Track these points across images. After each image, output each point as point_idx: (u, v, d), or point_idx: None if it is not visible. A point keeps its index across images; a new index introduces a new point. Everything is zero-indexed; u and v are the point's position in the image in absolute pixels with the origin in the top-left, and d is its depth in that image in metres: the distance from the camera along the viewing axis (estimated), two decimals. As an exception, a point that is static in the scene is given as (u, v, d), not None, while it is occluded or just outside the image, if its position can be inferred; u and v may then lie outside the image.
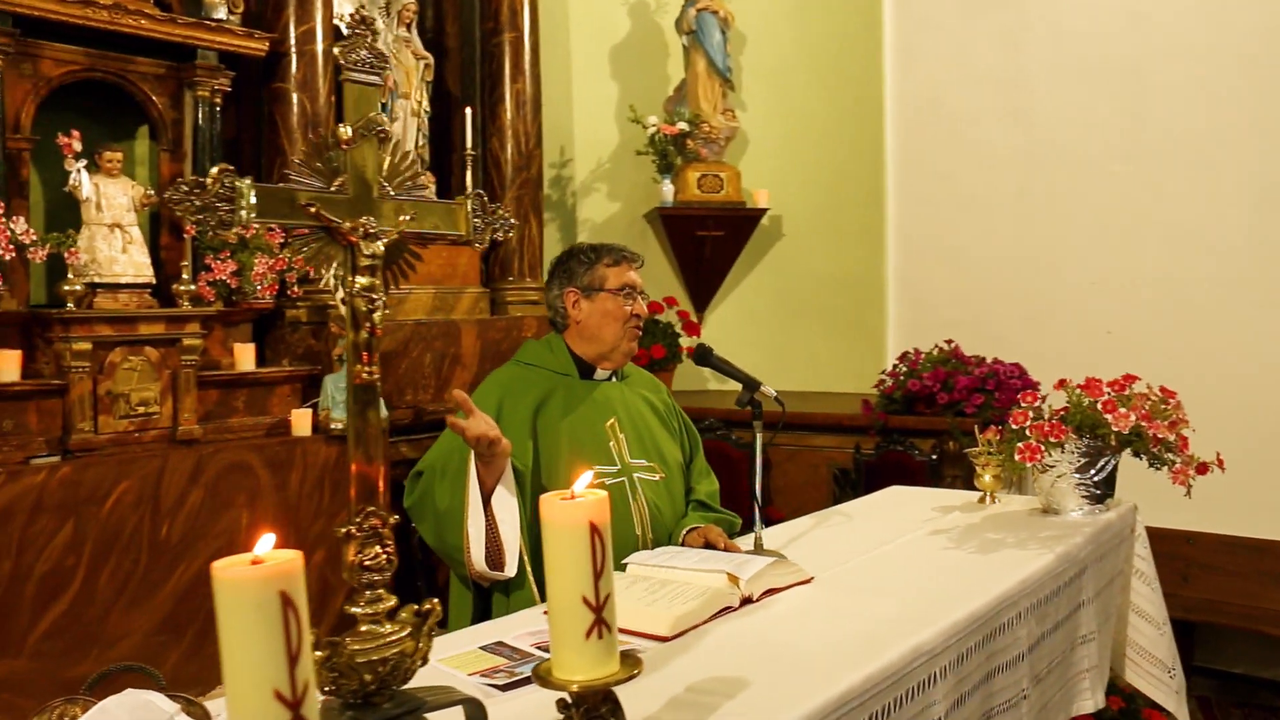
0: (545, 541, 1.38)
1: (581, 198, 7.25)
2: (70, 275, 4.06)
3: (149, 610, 4.20)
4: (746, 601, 2.21)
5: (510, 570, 2.36)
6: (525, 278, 6.22)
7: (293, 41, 5.05)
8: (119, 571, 4.10)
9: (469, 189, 4.69)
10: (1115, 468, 2.95)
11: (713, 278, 7.15)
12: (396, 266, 1.42)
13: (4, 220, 3.76)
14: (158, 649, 4.22)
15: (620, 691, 1.72)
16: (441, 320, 5.71)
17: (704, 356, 2.76)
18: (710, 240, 6.86)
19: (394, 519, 1.37)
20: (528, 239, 6.21)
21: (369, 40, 1.35)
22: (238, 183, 1.25)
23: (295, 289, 4.80)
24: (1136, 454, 2.90)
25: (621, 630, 2.04)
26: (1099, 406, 2.77)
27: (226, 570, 1.10)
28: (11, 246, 3.78)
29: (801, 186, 7.04)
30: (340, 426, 4.80)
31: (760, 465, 2.65)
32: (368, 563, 1.33)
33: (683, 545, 2.59)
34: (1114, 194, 5.75)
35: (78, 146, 4.12)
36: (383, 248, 1.36)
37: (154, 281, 4.44)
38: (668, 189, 6.76)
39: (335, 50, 1.35)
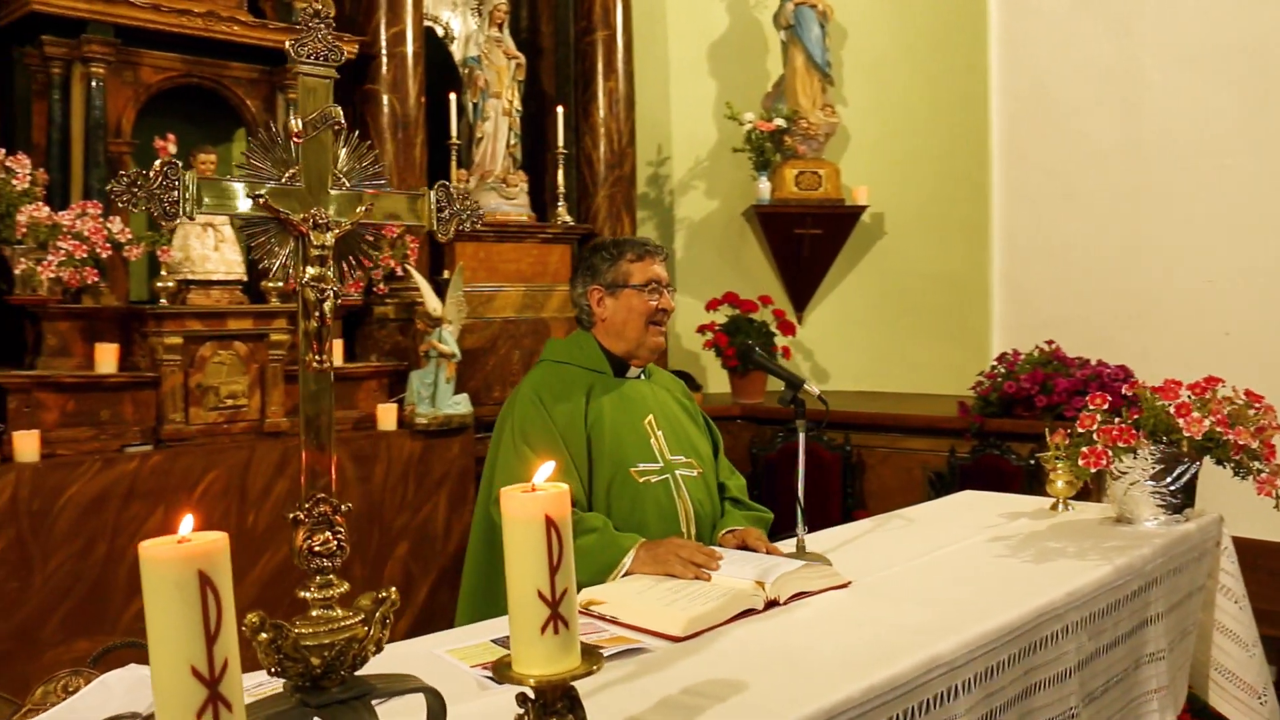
0: (504, 534, 1.35)
1: (679, 196, 7.21)
2: (163, 272, 4.25)
3: (236, 596, 4.34)
4: (772, 605, 2.13)
5: None
6: (616, 276, 6.21)
7: (383, 44, 5.17)
8: (207, 557, 4.25)
9: (560, 188, 4.73)
10: (1195, 476, 2.75)
11: (811, 277, 7.01)
12: (353, 257, 1.41)
13: (101, 220, 3.95)
14: (241, 635, 4.37)
15: (611, 689, 1.69)
16: (530, 318, 5.76)
17: (745, 355, 2.70)
18: (808, 238, 6.74)
19: (346, 507, 1.37)
20: (620, 236, 6.20)
21: (322, 33, 1.34)
22: (182, 175, 1.26)
23: (381, 286, 4.91)
24: (1219, 462, 2.70)
25: (635, 629, 2.01)
26: (1171, 410, 2.58)
27: (151, 549, 1.11)
28: (108, 245, 3.97)
29: (903, 183, 6.84)
30: (425, 421, 4.90)
31: (803, 464, 2.56)
32: (317, 548, 1.33)
33: (719, 546, 2.53)
34: (1231, 187, 5.40)
35: (173, 149, 4.30)
36: (332, 239, 1.35)
37: (245, 278, 4.60)
38: (764, 186, 6.66)
39: (287, 43, 1.34)
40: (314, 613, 1.32)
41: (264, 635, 1.26)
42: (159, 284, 4.24)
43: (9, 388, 3.91)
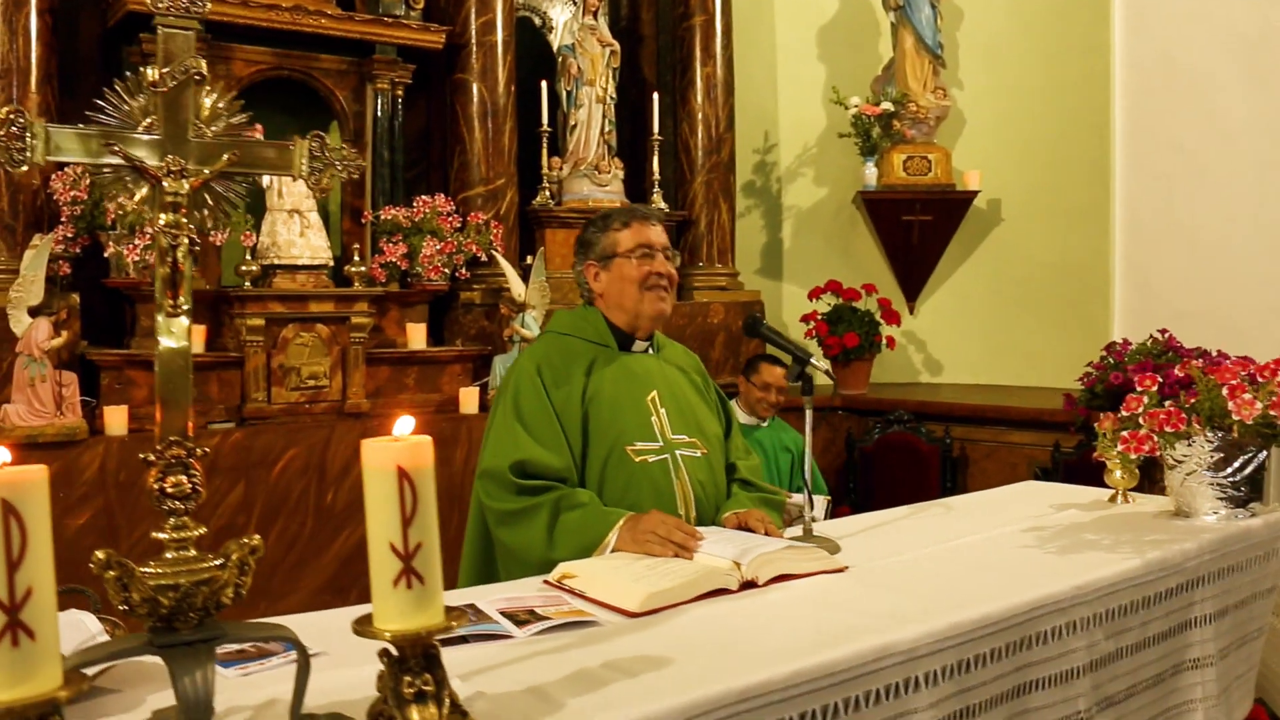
0: (364, 485, 1.32)
1: (786, 184, 7.05)
2: (248, 257, 4.42)
3: (314, 571, 4.50)
4: (749, 585, 2.03)
5: None
6: (715, 263, 6.14)
7: (473, 33, 5.24)
8: (286, 533, 4.42)
9: (655, 174, 4.70)
10: (1262, 466, 2.48)
11: (923, 265, 6.74)
12: (218, 206, 1.41)
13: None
14: (321, 608, 4.50)
15: (535, 659, 1.63)
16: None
17: (753, 327, 2.58)
18: (918, 225, 6.48)
19: (203, 451, 1.36)
20: (717, 224, 6.12)
21: (184, -19, 1.34)
22: (32, 122, 1.27)
23: (463, 271, 4.98)
24: (1290, 451, 2.43)
25: (597, 603, 1.95)
26: (1225, 393, 2.33)
27: (-36, 477, 1.13)
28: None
29: (1021, 167, 6.50)
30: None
31: (810, 443, 2.44)
32: (169, 489, 1.33)
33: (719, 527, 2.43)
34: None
35: (260, 139, 4.46)
36: (188, 186, 1.35)
37: (331, 263, 4.75)
38: (870, 172, 6.44)
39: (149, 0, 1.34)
40: (168, 554, 1.32)
41: (111, 573, 1.27)
42: (242, 268, 4.41)
43: (102, 365, 4.15)
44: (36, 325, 3.88)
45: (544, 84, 5.60)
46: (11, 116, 1.26)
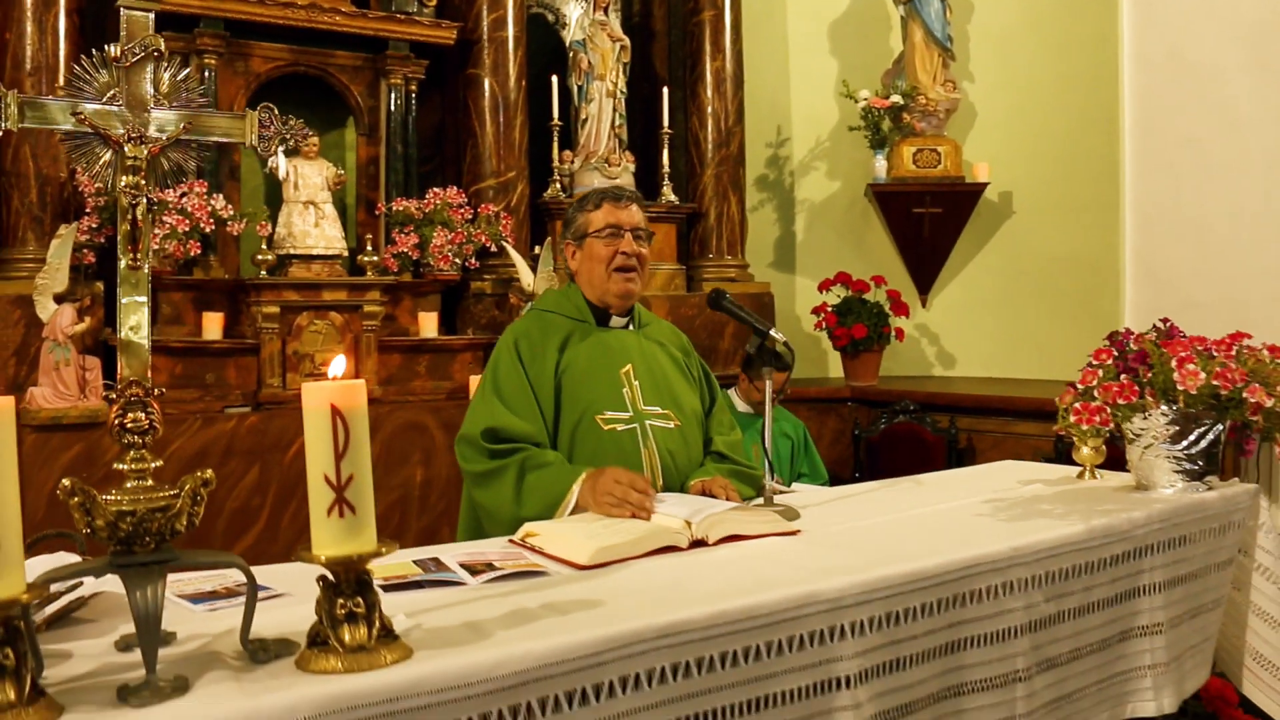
0: (304, 425, 1.45)
1: (799, 177, 7.13)
2: (263, 247, 4.59)
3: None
4: (700, 544, 2.14)
5: None
6: (724, 255, 6.23)
7: (485, 29, 5.38)
8: (300, 514, 4.57)
9: (665, 167, 4.80)
10: (1217, 441, 2.53)
11: (934, 258, 6.79)
12: (177, 168, 1.54)
13: (205, 198, 4.32)
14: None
15: (479, 602, 1.75)
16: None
17: (716, 301, 2.69)
18: (928, 218, 6.53)
19: (159, 391, 1.50)
20: (726, 216, 6.22)
21: (142, -30, 1.48)
22: (5, 93, 1.41)
23: (472, 261, 5.12)
24: (1245, 426, 2.49)
25: (546, 555, 2.07)
26: (1174, 365, 2.40)
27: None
28: (212, 220, 4.34)
29: (1032, 160, 6.53)
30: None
31: (770, 415, 2.53)
32: (129, 425, 1.46)
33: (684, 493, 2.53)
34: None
35: (276, 132, 4.63)
36: (147, 151, 1.48)
37: (345, 253, 4.90)
38: (880, 165, 6.51)
39: (114, -20, 1.48)
40: (128, 484, 1.45)
41: (75, 499, 1.40)
42: (259, 257, 4.58)
43: (124, 349, 4.32)
44: (61, 311, 4.06)
45: (554, 79, 5.73)
46: (-16, 90, 1.40)
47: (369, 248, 4.88)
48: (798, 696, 1.75)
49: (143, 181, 1.48)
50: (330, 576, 1.44)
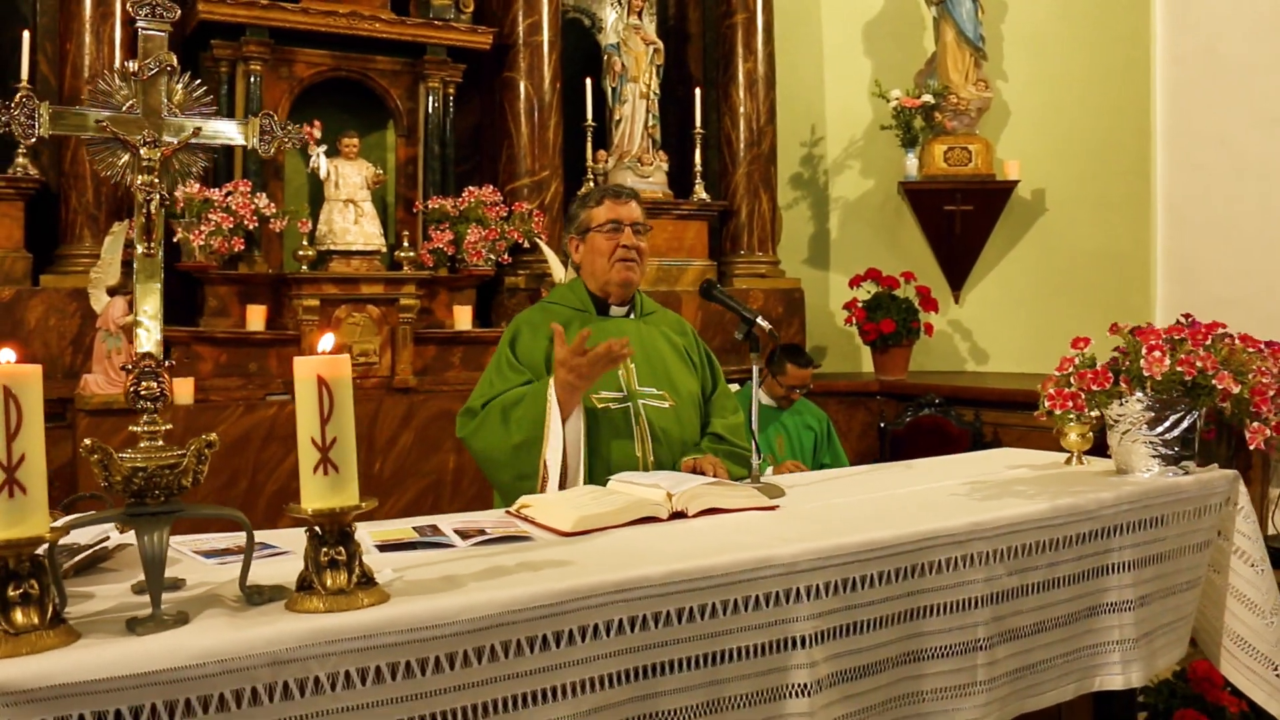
0: (296, 394, 1.63)
1: (833, 175, 7.22)
2: (304, 243, 4.82)
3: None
4: (679, 516, 2.28)
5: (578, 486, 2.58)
6: (755, 251, 6.36)
7: (520, 33, 5.58)
8: (337, 495, 4.79)
9: (697, 166, 4.96)
10: (1193, 426, 2.61)
11: (966, 254, 6.84)
12: (187, 169, 1.73)
13: (249, 197, 4.56)
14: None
15: (457, 561, 1.91)
16: (662, 291, 5.99)
17: (707, 290, 2.83)
18: (959, 215, 6.59)
19: (170, 363, 1.68)
20: (758, 214, 6.34)
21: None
22: (37, 105, 1.61)
23: (505, 257, 5.31)
24: (1219, 413, 2.57)
25: (536, 524, 2.23)
26: (1143, 352, 2.49)
27: (-16, 365, 1.47)
28: (255, 218, 4.58)
29: (1064, 157, 6.56)
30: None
31: (757, 398, 2.67)
32: (143, 392, 1.65)
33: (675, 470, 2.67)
34: None
35: (318, 134, 4.88)
36: (160, 154, 1.67)
37: (383, 249, 5.13)
38: (911, 163, 6.59)
39: (129, 4, 1.67)
40: (142, 444, 1.64)
41: (95, 456, 1.59)
42: (299, 253, 4.82)
43: (172, 341, 4.59)
44: (113, 304, 4.33)
45: (589, 81, 5.90)
46: (23, 100, 1.60)
47: (405, 244, 5.10)
48: (754, 653, 1.88)
49: (156, 180, 1.67)
50: (316, 528, 1.62)
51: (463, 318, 5.27)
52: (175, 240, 4.57)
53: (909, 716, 2.13)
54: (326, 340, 1.66)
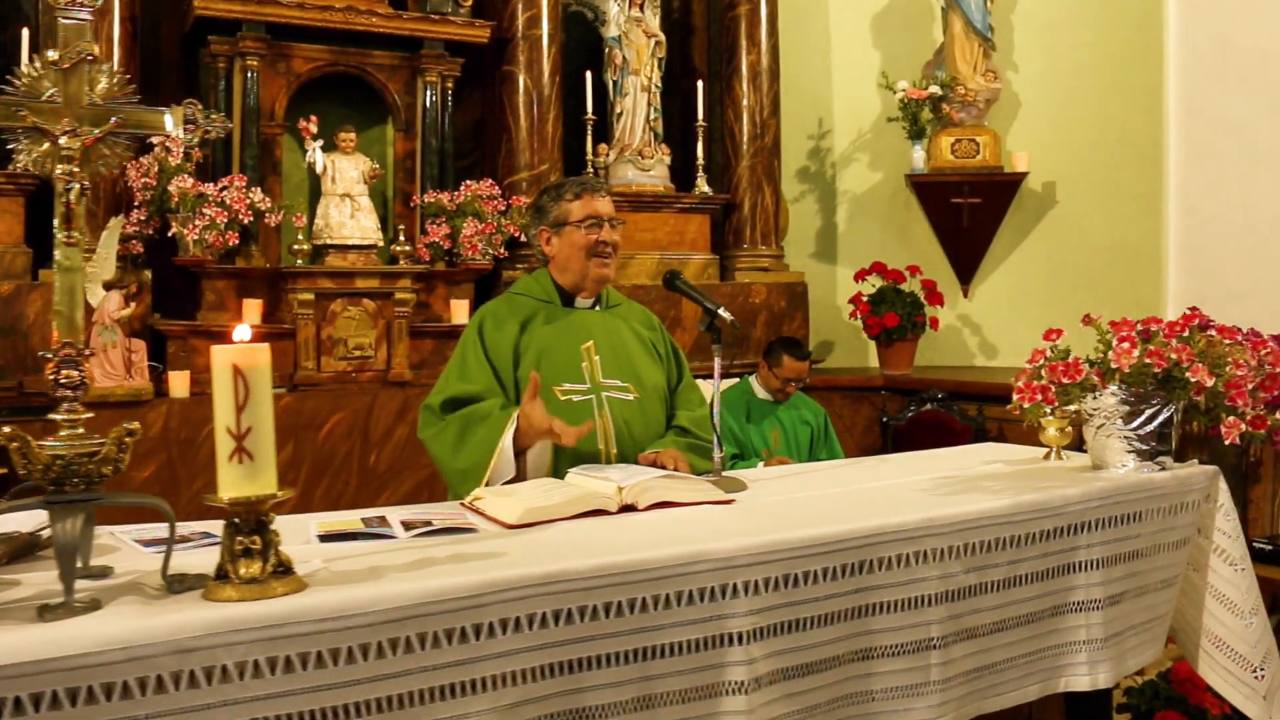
0: (213, 383, 1.62)
1: (841, 168, 7.15)
2: (300, 237, 4.84)
3: (359, 524, 4.88)
4: (629, 509, 2.25)
5: None
6: (758, 245, 6.31)
7: (519, 27, 5.56)
8: (331, 490, 4.82)
9: (700, 159, 4.92)
10: (1169, 421, 2.55)
11: (975, 247, 6.75)
12: (108, 159, 1.72)
13: (244, 191, 4.58)
14: None
15: (391, 553, 1.89)
16: (662, 284, 5.95)
17: (670, 281, 2.80)
18: (967, 207, 6.50)
19: (89, 353, 1.67)
20: (761, 207, 6.29)
21: (78, -13, 1.66)
22: (-47, 92, 1.61)
23: (502, 251, 5.30)
24: (1197, 407, 2.51)
25: (485, 516, 2.21)
26: (1114, 343, 2.43)
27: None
28: (250, 212, 4.60)
29: (1075, 148, 6.45)
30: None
31: (718, 387, 2.63)
32: (63, 381, 1.65)
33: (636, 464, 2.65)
34: None
35: (314, 129, 4.89)
36: (79, 143, 1.66)
37: (380, 243, 5.13)
38: (918, 155, 6.51)
39: (49, -2, 1.66)
40: (63, 432, 1.63)
41: (14, 444, 1.59)
42: (295, 247, 4.83)
43: (169, 335, 4.62)
44: (108, 297, 4.36)
45: (589, 75, 5.87)
46: (-61, 89, 1.60)
47: (401, 238, 5.10)
48: (688, 649, 1.85)
49: (76, 169, 1.66)
50: (233, 517, 1.60)
51: (460, 311, 5.26)
52: (170, 235, 4.60)
53: (858, 716, 2.09)
54: (243, 330, 1.65)
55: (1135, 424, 2.55)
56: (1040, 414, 2.61)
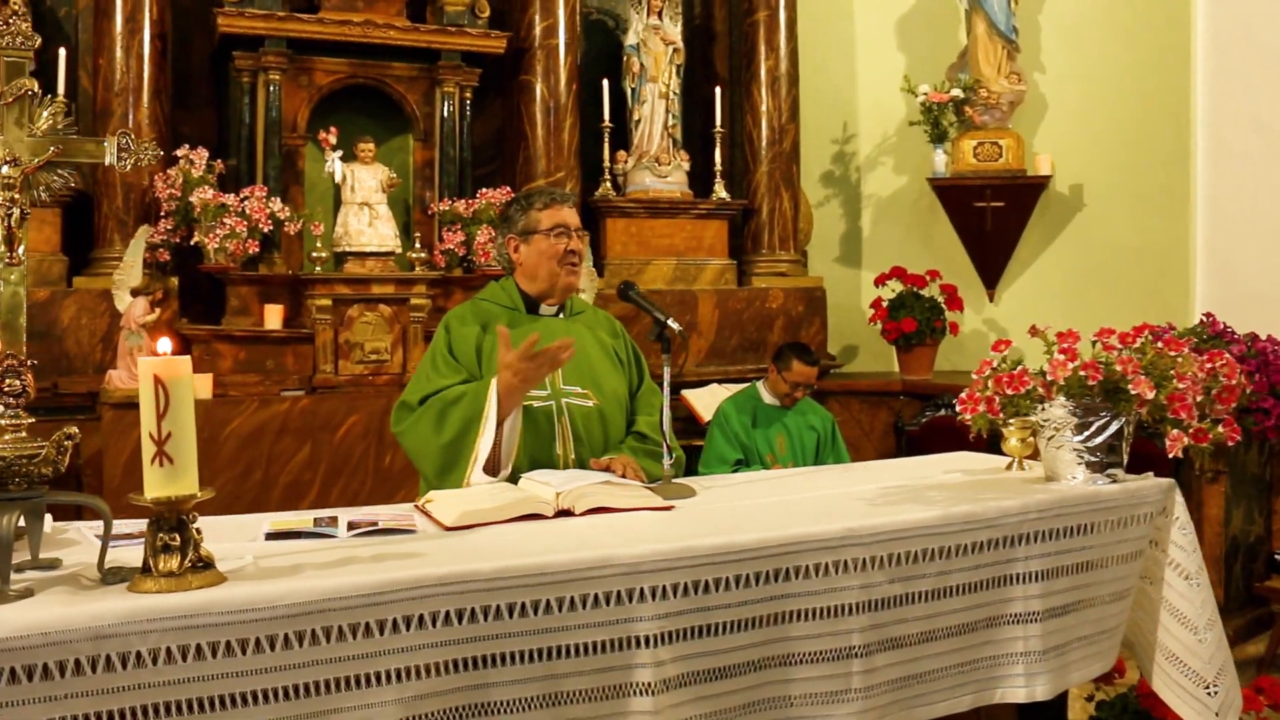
0: (140, 391, 1.75)
1: (865, 172, 7.16)
2: (318, 245, 5.01)
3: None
4: (565, 514, 2.33)
5: (504, 474, 2.67)
6: (777, 250, 6.35)
7: (536, 37, 5.68)
8: (347, 490, 4.98)
9: (717, 165, 5.01)
10: (1119, 433, 2.56)
11: (999, 251, 6.71)
12: (47, 186, 1.86)
13: (264, 200, 4.77)
14: None
15: (324, 553, 2.00)
16: (678, 289, 6.04)
17: (624, 292, 2.88)
18: (990, 211, 6.46)
19: (33, 363, 1.81)
20: (779, 212, 6.33)
21: (16, 27, 1.79)
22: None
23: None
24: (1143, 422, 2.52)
25: (429, 516, 2.31)
26: (1055, 354, 2.45)
27: None
28: (269, 221, 4.78)
29: (1102, 150, 6.39)
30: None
31: (668, 398, 2.71)
32: (6, 389, 1.79)
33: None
34: None
35: (333, 141, 5.06)
36: (19, 172, 1.80)
37: (398, 250, 5.29)
38: (939, 159, 6.49)
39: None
40: (5, 436, 1.77)
41: (-41, 444, 1.73)
42: (313, 255, 5.01)
43: (194, 339, 4.83)
44: (135, 303, 4.57)
45: (605, 83, 5.97)
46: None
47: (417, 245, 5.25)
48: (594, 650, 1.93)
49: (17, 195, 1.80)
50: (156, 516, 1.73)
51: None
52: (193, 243, 4.80)
53: (777, 720, 2.15)
54: (164, 343, 1.77)
55: (1083, 436, 2.57)
56: (984, 423, 2.63)
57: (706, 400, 5.67)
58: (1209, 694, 2.57)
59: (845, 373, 6.68)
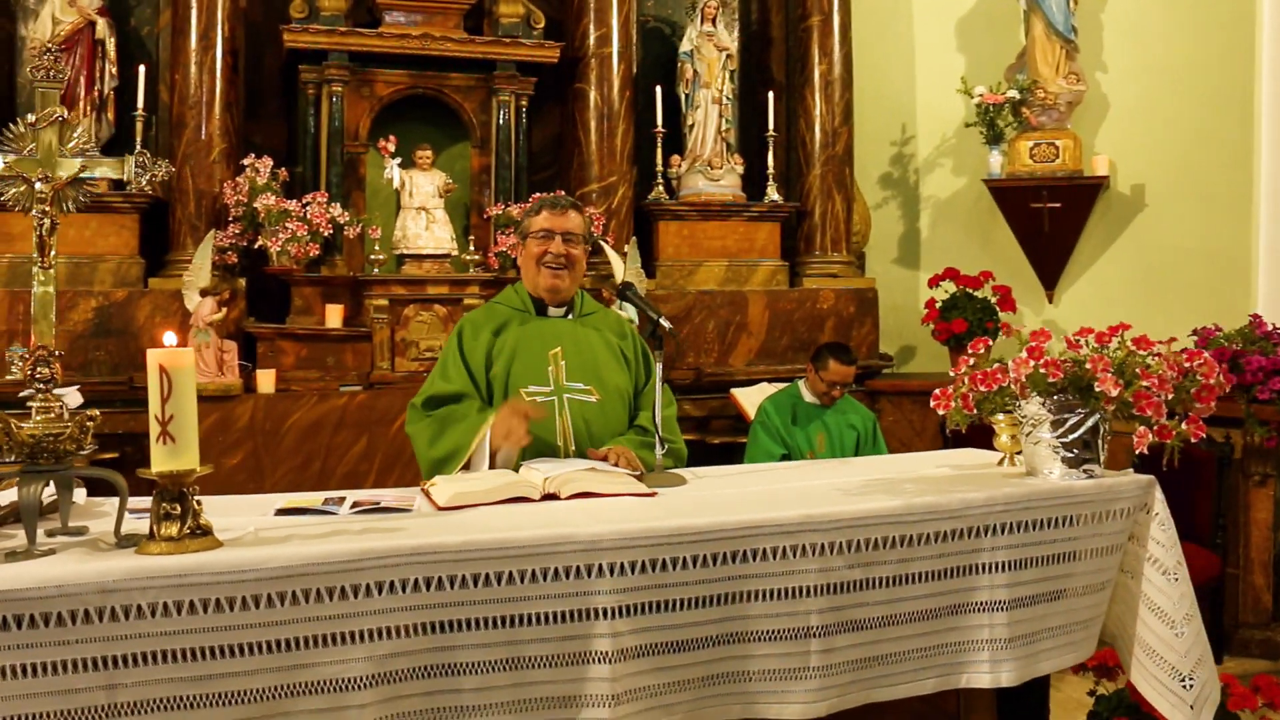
0: (148, 378, 1.99)
1: (924, 174, 7.17)
2: (375, 248, 5.30)
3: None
4: (551, 497, 2.51)
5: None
6: (829, 252, 6.43)
7: (590, 45, 5.88)
8: (402, 481, 5.23)
9: (770, 168, 5.17)
10: (1094, 430, 2.62)
11: (1058, 253, 6.66)
12: (74, 199, 2.11)
13: (325, 206, 5.07)
14: None
15: (321, 526, 2.22)
16: (730, 290, 6.17)
17: (622, 292, 3.04)
18: (1047, 213, 6.43)
19: (59, 353, 2.07)
20: (831, 215, 6.41)
21: (49, 61, 2.05)
22: (-44, 148, 2.04)
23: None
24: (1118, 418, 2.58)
25: (428, 498, 2.52)
26: (1023, 354, 2.53)
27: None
28: (330, 226, 5.08)
29: (1164, 149, 6.31)
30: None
31: (659, 394, 2.86)
32: (38, 375, 2.04)
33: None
34: None
35: (391, 149, 5.34)
36: (51, 188, 2.06)
37: (454, 252, 5.54)
38: (995, 160, 6.48)
39: (28, 70, 2.07)
40: (36, 417, 2.03)
41: (1, 426, 2.00)
42: (371, 257, 5.29)
43: (259, 336, 5.15)
44: (203, 303, 4.92)
45: (659, 90, 6.13)
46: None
47: (471, 247, 5.50)
48: (555, 619, 2.10)
49: (48, 208, 2.06)
50: (160, 488, 1.96)
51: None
52: (257, 246, 5.12)
53: (735, 693, 2.28)
54: (169, 336, 2.00)
55: (1058, 432, 2.64)
56: (961, 418, 2.72)
57: (755, 398, 5.79)
58: (1184, 687, 2.61)
59: (898, 373, 6.71)
